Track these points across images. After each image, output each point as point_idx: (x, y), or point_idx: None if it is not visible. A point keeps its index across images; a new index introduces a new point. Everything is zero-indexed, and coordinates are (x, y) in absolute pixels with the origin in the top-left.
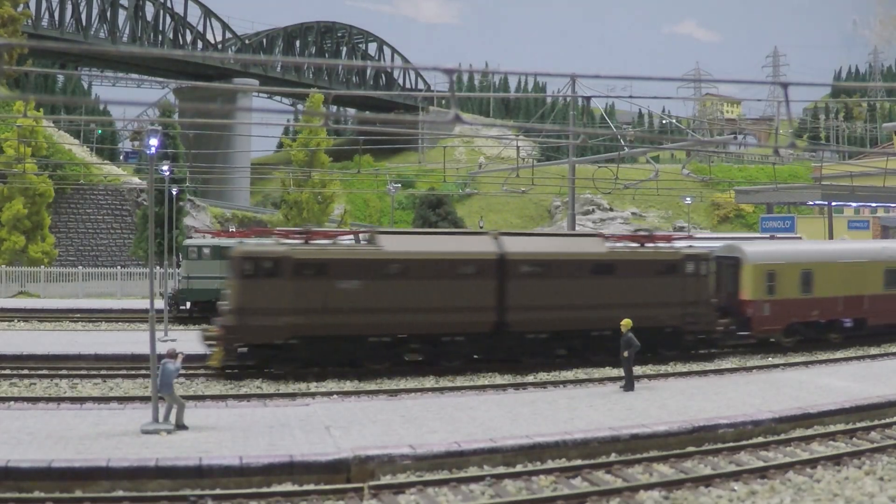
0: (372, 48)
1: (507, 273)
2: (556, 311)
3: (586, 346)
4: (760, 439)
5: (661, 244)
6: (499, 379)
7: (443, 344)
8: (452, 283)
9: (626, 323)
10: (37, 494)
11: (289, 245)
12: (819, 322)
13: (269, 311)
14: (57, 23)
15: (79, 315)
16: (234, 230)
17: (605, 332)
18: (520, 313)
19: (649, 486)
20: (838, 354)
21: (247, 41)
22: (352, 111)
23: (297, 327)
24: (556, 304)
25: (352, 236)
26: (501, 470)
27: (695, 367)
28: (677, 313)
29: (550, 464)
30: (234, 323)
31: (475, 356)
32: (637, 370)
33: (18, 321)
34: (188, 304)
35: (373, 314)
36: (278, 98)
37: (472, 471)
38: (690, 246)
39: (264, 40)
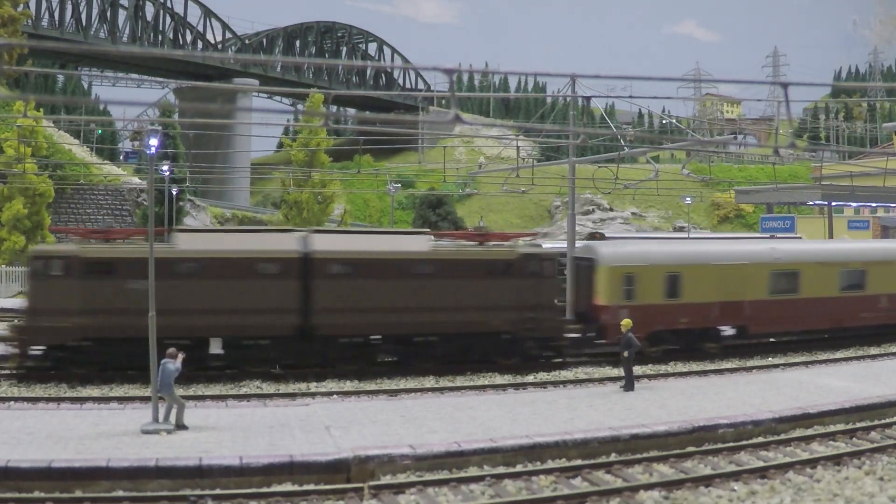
0: (372, 48)
1: (312, 273)
2: (371, 315)
3: (412, 352)
4: (760, 439)
5: (501, 243)
6: (499, 379)
7: (247, 347)
8: (252, 283)
9: (625, 323)
10: (37, 494)
11: (78, 244)
12: (692, 330)
13: (60, 312)
14: (57, 23)
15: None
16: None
17: (430, 338)
18: (328, 316)
19: (649, 486)
20: (838, 354)
21: (247, 41)
22: (352, 111)
23: (88, 329)
24: (371, 306)
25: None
26: (501, 470)
27: (695, 367)
28: (513, 318)
29: (550, 464)
30: (27, 324)
31: (286, 361)
32: (637, 370)
33: (18, 321)
34: None
35: (167, 315)
36: (278, 98)
37: (472, 471)
38: (538, 245)
39: (264, 40)
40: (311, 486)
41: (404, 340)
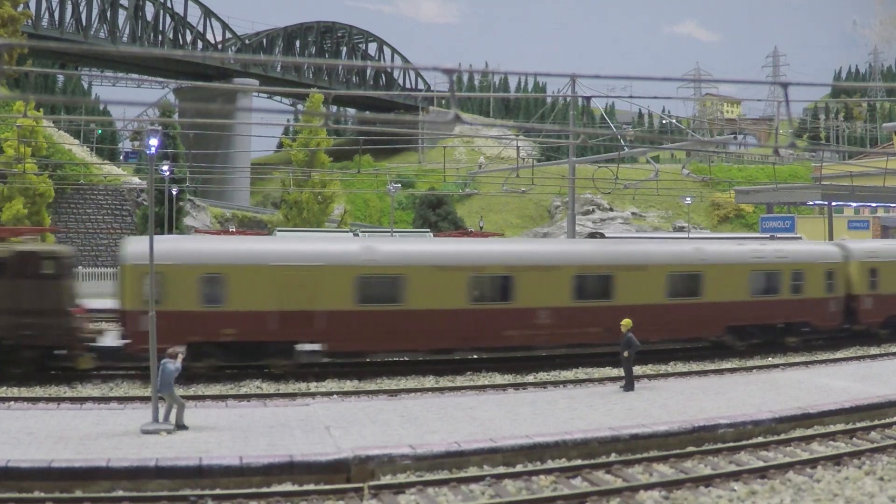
0: (372, 48)
1: None
2: None
3: None
4: (760, 439)
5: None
6: (499, 379)
7: None
8: None
9: (625, 323)
10: (37, 494)
11: None
12: (245, 343)
13: None
14: (57, 23)
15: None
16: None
17: None
18: None
19: (649, 486)
20: (838, 354)
21: (247, 41)
22: (352, 111)
23: None
24: None
25: None
26: (501, 470)
27: (695, 367)
28: (9, 323)
29: (550, 464)
30: None
31: None
32: (636, 370)
33: None
34: None
35: None
36: (278, 98)
37: (472, 471)
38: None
39: (264, 40)
40: (311, 486)
41: None
